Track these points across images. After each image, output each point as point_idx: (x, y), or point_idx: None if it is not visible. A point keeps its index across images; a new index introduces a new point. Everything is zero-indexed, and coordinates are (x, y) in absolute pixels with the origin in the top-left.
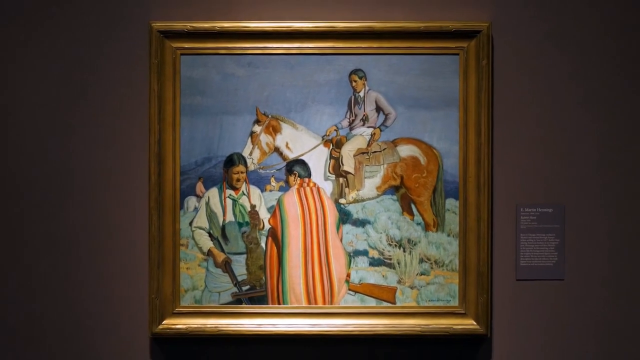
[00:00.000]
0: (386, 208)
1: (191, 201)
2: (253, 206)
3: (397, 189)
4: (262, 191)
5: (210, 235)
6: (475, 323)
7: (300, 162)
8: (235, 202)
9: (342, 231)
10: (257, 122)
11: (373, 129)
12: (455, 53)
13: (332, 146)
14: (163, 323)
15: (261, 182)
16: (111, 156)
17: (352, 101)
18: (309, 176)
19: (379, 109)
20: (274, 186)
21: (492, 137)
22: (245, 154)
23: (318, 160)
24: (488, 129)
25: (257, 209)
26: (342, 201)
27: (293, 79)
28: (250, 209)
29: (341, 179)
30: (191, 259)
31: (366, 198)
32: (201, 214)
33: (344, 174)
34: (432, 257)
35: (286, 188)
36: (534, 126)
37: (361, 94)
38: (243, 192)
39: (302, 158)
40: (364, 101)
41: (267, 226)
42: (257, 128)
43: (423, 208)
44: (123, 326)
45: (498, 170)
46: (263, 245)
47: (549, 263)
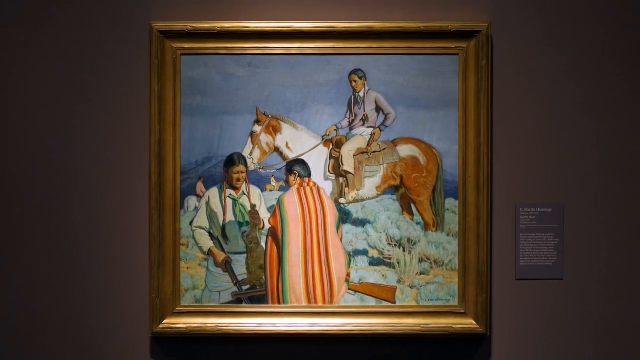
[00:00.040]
0: (386, 208)
1: (191, 201)
2: (253, 206)
3: (397, 189)
4: (262, 191)
5: (210, 234)
6: (474, 322)
7: (300, 162)
8: (235, 202)
9: (342, 231)
10: (258, 122)
11: (373, 129)
12: (454, 53)
13: (332, 146)
14: (163, 322)
15: (261, 182)
16: (112, 156)
17: (352, 101)
18: (309, 176)
19: (379, 109)
20: (274, 186)
21: (492, 137)
22: (245, 154)
23: (318, 160)
24: (487, 129)
25: (258, 209)
26: (342, 201)
27: (293, 79)
28: (250, 209)
29: (341, 179)
30: (191, 259)
31: (366, 198)
32: (201, 214)
33: (344, 174)
34: (432, 257)
35: (286, 188)
36: (534, 126)
37: (361, 94)
38: (243, 192)
39: (302, 158)
40: (364, 101)
41: (267, 226)
42: (258, 128)
43: (423, 208)
44: (124, 325)
45: (497, 170)
46: (263, 244)
47: (548, 262)
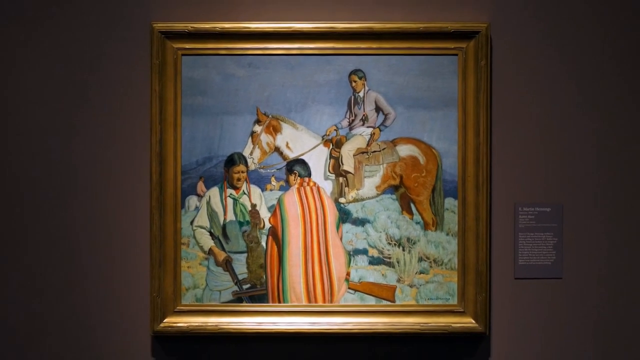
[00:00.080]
0: (386, 207)
1: (192, 200)
2: (254, 205)
3: (397, 189)
4: (263, 190)
5: (211, 234)
6: (474, 321)
7: (300, 162)
8: (236, 202)
9: (342, 230)
10: (258, 122)
11: (373, 129)
12: (454, 53)
13: (332, 146)
14: (164, 321)
15: (262, 182)
16: (112, 156)
17: (352, 101)
18: (309, 176)
19: (379, 109)
20: (275, 185)
21: (491, 137)
22: (245, 154)
23: (318, 159)
24: (487, 129)
25: (258, 208)
26: (342, 200)
27: (293, 79)
28: (250, 208)
29: (341, 179)
30: (192, 258)
31: (366, 197)
32: (202, 213)
33: (344, 174)
34: (431, 256)
35: (286, 187)
36: (533, 126)
37: (361, 94)
38: (244, 192)
39: (302, 158)
40: (364, 101)
41: (268, 225)
42: (258, 128)
43: (422, 207)
44: (125, 324)
45: (497, 169)
46: (263, 244)
47: (547, 262)
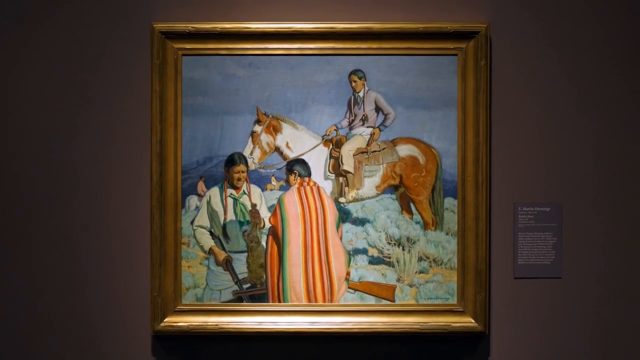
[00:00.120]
0: (385, 207)
1: (192, 200)
2: (254, 205)
3: (397, 188)
4: (263, 190)
5: (211, 233)
6: (473, 321)
7: (300, 162)
8: (236, 201)
9: (342, 230)
10: (258, 122)
11: (372, 129)
12: (453, 54)
13: (332, 146)
14: (165, 321)
15: (262, 182)
16: (113, 156)
17: (352, 101)
18: (309, 175)
19: (378, 109)
20: (275, 185)
21: (490, 137)
22: (246, 154)
23: (318, 159)
24: (486, 129)
25: (258, 208)
26: (342, 200)
27: (293, 80)
28: (251, 208)
29: (341, 178)
30: (192, 258)
31: (366, 197)
32: (202, 213)
33: (344, 173)
34: (431, 256)
35: (286, 187)
36: (532, 126)
37: (361, 94)
38: (244, 191)
39: (303, 157)
40: (364, 101)
41: (268, 225)
42: (258, 128)
43: (422, 207)
44: (125, 324)
45: (496, 169)
46: (264, 243)
47: (547, 261)
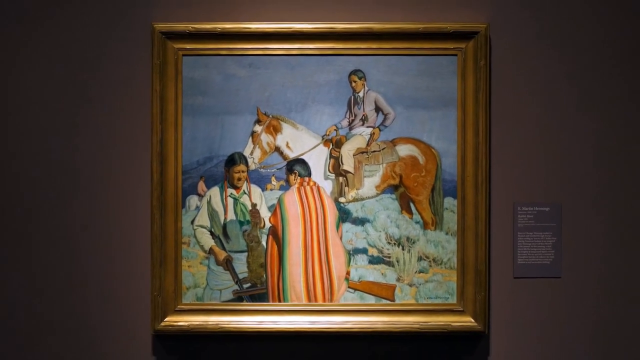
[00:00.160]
0: (385, 207)
1: (193, 200)
2: (254, 205)
3: (396, 188)
4: (263, 190)
5: (211, 233)
6: (473, 320)
7: (300, 162)
8: (236, 201)
9: (342, 229)
10: (258, 122)
11: (372, 129)
12: (453, 54)
13: (332, 146)
14: (165, 320)
15: (262, 181)
16: (113, 156)
17: (352, 101)
18: (309, 175)
19: (378, 109)
20: (275, 185)
21: (490, 137)
22: (246, 154)
23: (318, 159)
24: (486, 129)
25: (258, 208)
26: (342, 200)
27: (293, 80)
28: (251, 208)
29: (341, 178)
30: (193, 257)
31: (365, 197)
32: (203, 213)
33: (344, 173)
34: (431, 255)
35: (287, 187)
36: (532, 126)
37: (360, 94)
38: (244, 191)
39: (303, 157)
40: (364, 101)
41: (268, 225)
42: (258, 128)
43: (422, 207)
44: (126, 323)
45: (496, 169)
46: (264, 243)
47: (546, 261)
